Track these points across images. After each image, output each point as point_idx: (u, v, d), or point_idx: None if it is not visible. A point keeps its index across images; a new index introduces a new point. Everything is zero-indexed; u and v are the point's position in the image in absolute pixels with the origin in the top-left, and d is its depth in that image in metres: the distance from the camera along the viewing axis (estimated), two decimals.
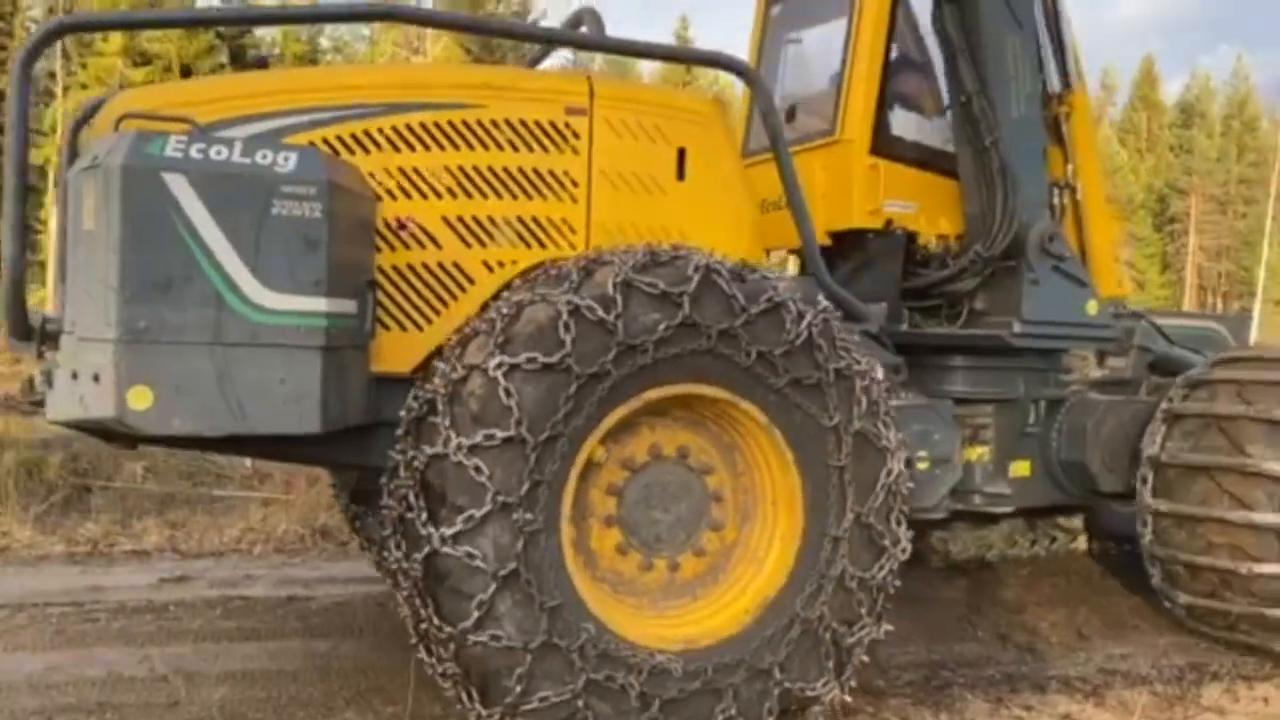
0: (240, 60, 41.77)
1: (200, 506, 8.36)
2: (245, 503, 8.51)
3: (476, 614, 3.21)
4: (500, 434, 3.22)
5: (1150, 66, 72.30)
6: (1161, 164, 67.75)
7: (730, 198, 4.38)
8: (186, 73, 34.05)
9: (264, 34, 43.68)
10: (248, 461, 9.40)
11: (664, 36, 56.04)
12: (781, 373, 3.62)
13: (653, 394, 3.50)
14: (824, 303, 3.83)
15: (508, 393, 3.22)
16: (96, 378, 3.07)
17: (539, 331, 3.30)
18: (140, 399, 3.06)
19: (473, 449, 3.21)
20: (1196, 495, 5.08)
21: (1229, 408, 5.13)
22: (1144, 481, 5.30)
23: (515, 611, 3.25)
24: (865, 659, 3.90)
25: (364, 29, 40.03)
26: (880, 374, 3.86)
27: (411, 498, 3.33)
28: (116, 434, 3.38)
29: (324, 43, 46.08)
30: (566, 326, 3.28)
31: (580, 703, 3.32)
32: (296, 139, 3.58)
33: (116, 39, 35.92)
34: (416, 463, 3.34)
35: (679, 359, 3.47)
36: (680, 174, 4.25)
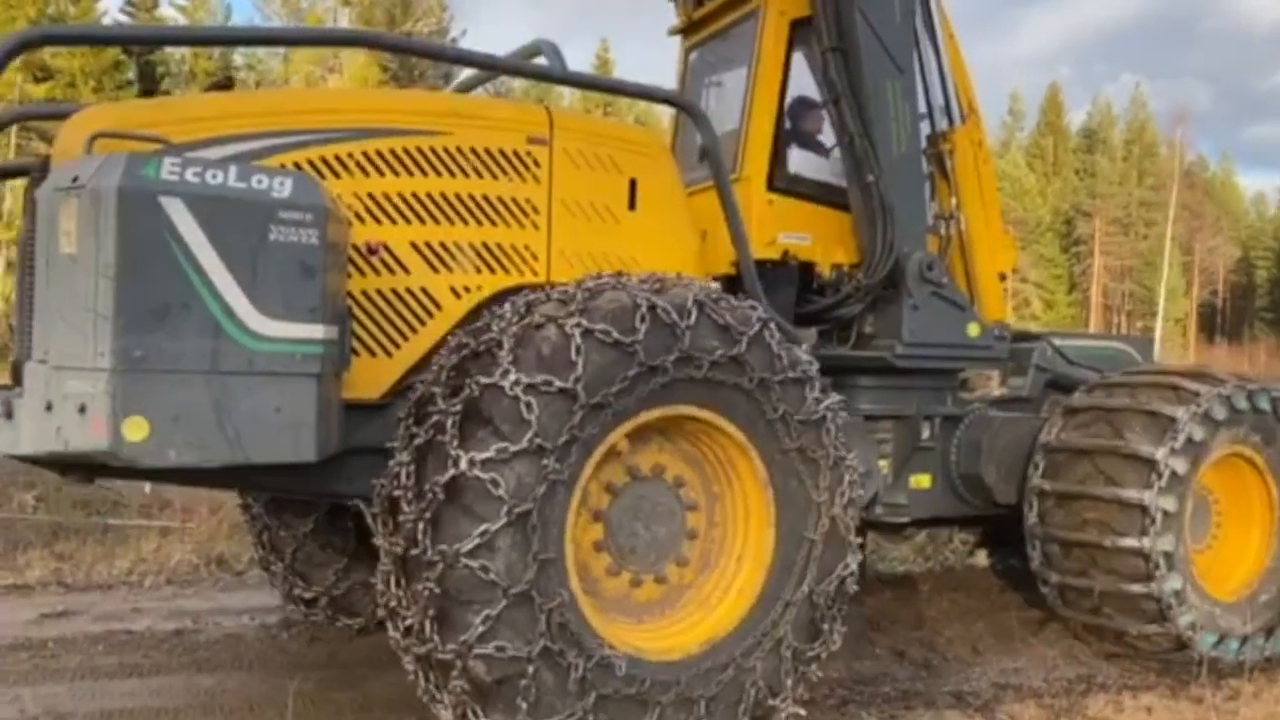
0: (149, 78, 40.96)
1: (92, 537, 7.97)
2: (141, 532, 8.15)
3: (476, 540, 3.23)
4: (558, 383, 3.32)
5: (1056, 93, 74.89)
6: (1067, 187, 70.09)
7: (677, 226, 4.60)
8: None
9: (173, 51, 42.85)
10: (146, 488, 9.10)
11: (585, 58, 56.38)
12: (795, 437, 3.84)
13: (689, 408, 3.68)
14: (837, 395, 4.02)
15: (578, 350, 3.36)
16: (83, 409, 2.94)
17: (620, 312, 3.48)
18: (136, 430, 2.95)
19: (529, 387, 3.29)
20: (1077, 476, 5.41)
21: (1118, 400, 5.52)
22: (1035, 466, 5.61)
23: (511, 553, 3.28)
24: None
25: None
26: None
27: (449, 424, 3.35)
28: (78, 466, 3.25)
29: (237, 59, 45.36)
30: (643, 318, 3.47)
31: (531, 667, 3.32)
32: (270, 161, 3.61)
33: None
34: (470, 390, 3.35)
35: (722, 385, 3.67)
36: (632, 204, 4.45)
